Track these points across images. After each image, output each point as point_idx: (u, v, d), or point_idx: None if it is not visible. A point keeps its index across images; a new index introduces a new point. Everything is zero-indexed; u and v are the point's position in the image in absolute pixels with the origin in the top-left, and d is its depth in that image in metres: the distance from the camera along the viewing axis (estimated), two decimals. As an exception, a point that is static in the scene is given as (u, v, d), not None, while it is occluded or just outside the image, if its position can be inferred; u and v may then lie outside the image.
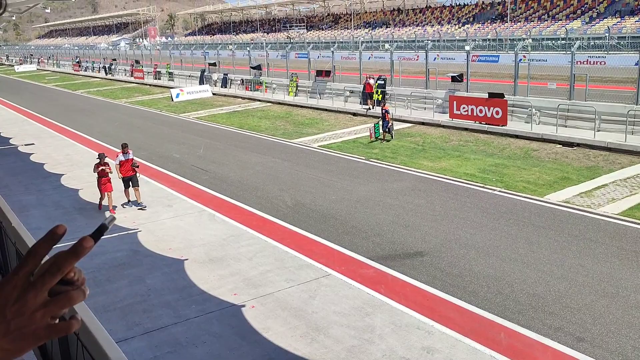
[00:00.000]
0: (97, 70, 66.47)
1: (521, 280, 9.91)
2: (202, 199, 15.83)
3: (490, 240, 11.71)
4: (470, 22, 72.01)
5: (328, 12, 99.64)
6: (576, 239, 11.57)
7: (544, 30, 59.79)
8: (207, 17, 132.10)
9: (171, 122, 30.74)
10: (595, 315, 8.72)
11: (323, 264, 11.01)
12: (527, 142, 20.37)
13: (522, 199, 14.26)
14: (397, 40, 62.05)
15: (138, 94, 45.02)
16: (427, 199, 14.72)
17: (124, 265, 11.37)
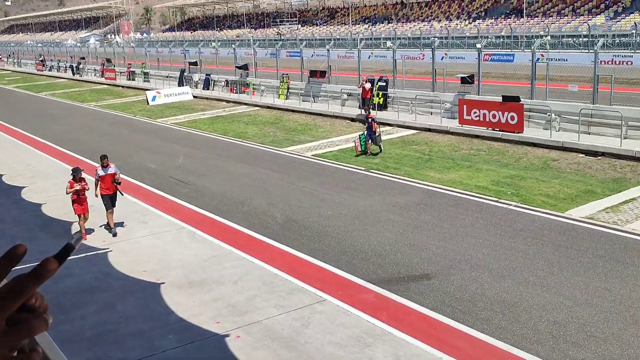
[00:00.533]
0: (63, 70, 66.47)
1: (540, 306, 9.90)
2: (181, 214, 15.79)
3: (505, 261, 11.71)
4: (482, 17, 72.57)
5: (323, 5, 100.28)
6: (602, 259, 11.59)
7: (564, 27, 60.33)
8: (188, 10, 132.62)
9: (146, 128, 30.72)
10: (623, 345, 8.72)
11: (317, 288, 10.97)
12: (545, 151, 20.46)
13: (540, 215, 14.29)
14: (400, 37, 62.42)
15: (109, 97, 45.02)
16: (435, 214, 14.73)
17: (93, 290, 11.31)
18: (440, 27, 71.30)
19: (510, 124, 22.37)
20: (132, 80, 51.68)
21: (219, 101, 38.46)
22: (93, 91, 49.66)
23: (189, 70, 45.07)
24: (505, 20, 68.37)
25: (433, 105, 26.85)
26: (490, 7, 74.33)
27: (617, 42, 44.10)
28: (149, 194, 17.98)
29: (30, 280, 0.98)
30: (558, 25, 61.49)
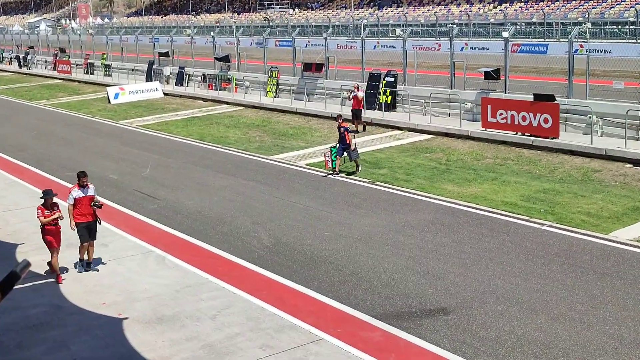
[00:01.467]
0: (8, 61, 66.59)
1: (580, 347, 9.88)
2: (148, 235, 15.75)
3: (538, 293, 11.69)
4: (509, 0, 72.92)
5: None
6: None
7: (607, 12, 60.65)
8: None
9: (107, 131, 30.72)
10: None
11: (312, 324, 10.93)
12: (585, 161, 20.49)
13: (580, 237, 14.28)
14: (411, 23, 62.68)
15: (63, 94, 45.03)
16: (453, 236, 14.72)
17: (42, 326, 11.24)
18: (459, 12, 71.63)
19: (543, 127, 22.42)
20: (91, 74, 51.78)
21: (195, 99, 38.51)
22: (44, 87, 49.68)
23: (158, 63, 45.17)
24: (537, 4, 68.69)
25: (451, 105, 26.91)
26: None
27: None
28: (110, 210, 17.90)
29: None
30: (600, 9, 61.82)
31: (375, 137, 25.79)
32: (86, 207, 13.22)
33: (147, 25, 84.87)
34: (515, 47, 27.72)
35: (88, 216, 13.27)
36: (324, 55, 33.28)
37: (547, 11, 62.75)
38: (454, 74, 27.40)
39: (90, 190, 13.33)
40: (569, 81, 23.63)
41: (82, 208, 13.21)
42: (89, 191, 13.30)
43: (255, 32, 57.68)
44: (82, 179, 13.22)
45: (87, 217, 13.27)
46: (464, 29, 53.88)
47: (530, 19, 61.63)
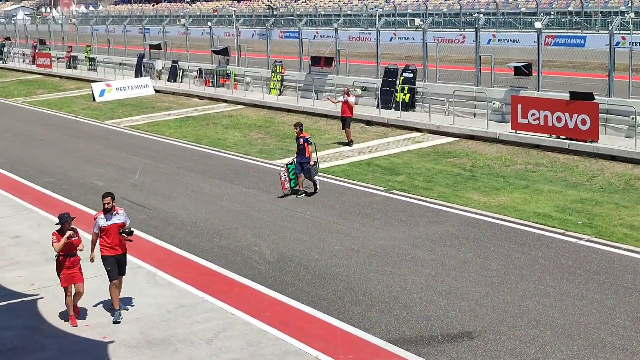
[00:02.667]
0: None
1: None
2: (136, 250, 15.73)
3: (575, 316, 11.65)
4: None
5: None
6: None
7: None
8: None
9: (92, 132, 30.81)
10: None
11: (320, 350, 10.91)
12: (628, 167, 20.43)
13: (621, 253, 14.22)
14: (432, 12, 62.68)
15: (43, 90, 45.23)
16: (479, 251, 14.69)
17: (16, 351, 11.26)
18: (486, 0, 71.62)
19: (580, 129, 22.36)
20: (74, 68, 51.98)
21: (190, 97, 38.62)
22: (21, 82, 49.92)
23: (149, 56, 45.32)
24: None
25: (477, 104, 26.90)
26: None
27: None
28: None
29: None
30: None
31: (391, 140, 25.77)
32: (114, 237, 12.00)
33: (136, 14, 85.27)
34: (549, 39, 27.79)
35: (117, 248, 12.06)
36: (334, 48, 33.31)
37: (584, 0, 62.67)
38: (480, 70, 27.39)
39: (119, 217, 12.04)
40: (609, 78, 23.56)
41: (109, 238, 12.00)
42: (117, 217, 12.03)
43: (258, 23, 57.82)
44: (106, 203, 11.97)
45: (116, 249, 12.06)
46: (492, 19, 53.84)
47: (565, 8, 61.50)
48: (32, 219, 18.20)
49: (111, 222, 11.93)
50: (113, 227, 11.94)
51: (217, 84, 38.78)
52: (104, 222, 11.93)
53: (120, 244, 12.05)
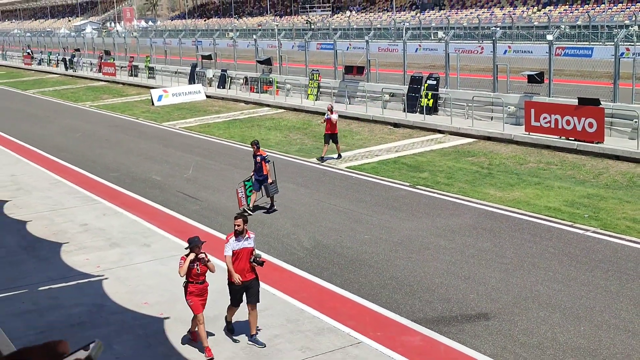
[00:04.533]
0: (54, 63, 67.76)
1: (625, 356, 9.72)
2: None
3: (581, 299, 11.54)
4: (553, 3, 72.06)
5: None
6: (701, 299, 11.35)
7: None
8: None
9: (151, 133, 31.09)
10: None
11: (352, 327, 10.93)
12: (631, 166, 20.17)
13: (625, 243, 14.06)
14: (454, 26, 62.30)
15: (108, 96, 45.72)
16: (495, 241, 14.60)
17: (84, 325, 11.41)
18: (503, 15, 70.98)
19: (588, 132, 22.13)
20: (135, 76, 52.41)
21: (237, 102, 38.77)
22: (89, 89, 50.49)
23: (201, 65, 45.57)
24: (582, 6, 67.77)
25: (494, 108, 26.69)
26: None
27: None
28: (153, 211, 18.15)
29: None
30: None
31: (416, 141, 25.69)
32: (244, 262, 10.57)
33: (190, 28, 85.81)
34: (560, 50, 27.44)
35: (246, 273, 10.58)
36: (366, 58, 33.27)
37: (592, 14, 61.87)
38: (497, 77, 27.20)
39: (250, 241, 10.70)
40: (614, 85, 23.32)
41: (239, 262, 10.59)
42: (248, 242, 10.67)
43: (297, 35, 57.89)
44: (235, 223, 10.65)
45: (245, 274, 10.56)
46: (507, 32, 53.42)
47: (574, 22, 60.81)
48: (98, 209, 18.43)
49: (242, 246, 10.54)
50: (244, 252, 10.53)
51: (261, 90, 38.89)
52: (236, 244, 10.53)
53: (250, 269, 10.61)
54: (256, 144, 17.99)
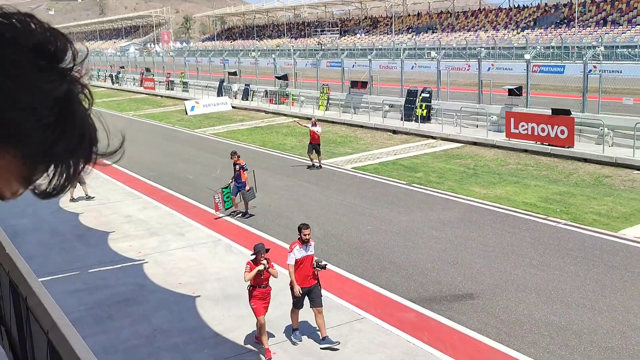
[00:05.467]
0: (102, 79, 68.09)
1: (591, 331, 9.68)
2: (218, 227, 15.95)
3: (553, 282, 11.50)
4: (530, 27, 71.75)
5: (365, 15, 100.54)
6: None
7: (619, 37, 59.20)
8: (228, 19, 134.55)
9: (184, 138, 31.19)
10: (681, 374, 8.45)
11: (356, 305, 10.94)
12: (598, 167, 20.07)
13: (592, 234, 14.00)
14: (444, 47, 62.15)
15: (148, 106, 45.90)
16: (479, 231, 14.57)
17: (128, 302, 11.48)
18: (487, 37, 70.77)
19: (560, 138, 22.05)
20: (171, 89, 52.63)
21: (258, 112, 38.84)
22: (132, 100, 50.71)
23: (228, 81, 45.70)
24: (555, 30, 67.49)
25: (479, 117, 26.63)
26: (540, 16, 73.46)
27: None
28: (186, 205, 18.22)
29: None
30: (612, 35, 60.40)
31: (412, 145, 25.65)
32: (308, 269, 9.72)
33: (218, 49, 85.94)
34: (536, 67, 27.34)
35: (310, 279, 9.72)
36: (369, 74, 33.24)
37: (564, 36, 61.57)
38: (482, 91, 27.15)
39: (312, 249, 9.84)
40: (583, 98, 23.21)
41: (302, 269, 9.69)
42: (311, 249, 9.80)
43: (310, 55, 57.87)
44: (303, 232, 9.70)
45: (309, 279, 9.71)
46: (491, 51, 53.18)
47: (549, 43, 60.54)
48: (139, 203, 18.52)
49: (307, 254, 9.68)
50: (308, 259, 9.66)
51: (279, 102, 38.96)
52: (300, 253, 9.65)
53: (312, 275, 9.75)
54: (235, 154, 16.95)
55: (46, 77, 0.87)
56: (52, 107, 0.86)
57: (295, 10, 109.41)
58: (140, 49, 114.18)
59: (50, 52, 0.88)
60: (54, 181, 0.90)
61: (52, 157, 0.88)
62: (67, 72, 0.89)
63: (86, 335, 9.88)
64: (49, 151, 0.87)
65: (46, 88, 0.86)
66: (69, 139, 0.89)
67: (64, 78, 0.89)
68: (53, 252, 14.16)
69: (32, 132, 0.85)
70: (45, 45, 0.87)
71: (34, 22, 0.88)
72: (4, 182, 0.88)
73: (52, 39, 0.88)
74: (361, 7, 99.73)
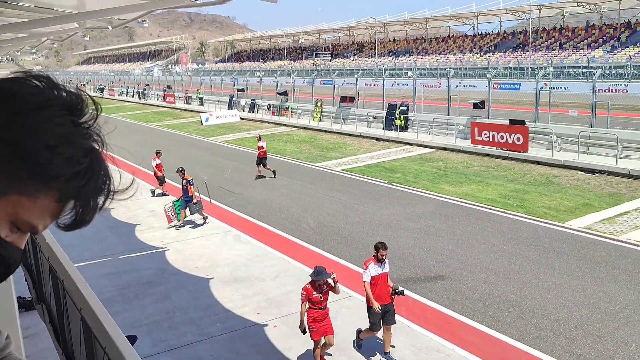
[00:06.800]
0: (130, 95, 67.83)
1: (542, 306, 9.69)
2: (228, 219, 15.92)
3: (511, 265, 11.51)
4: (492, 50, 71.88)
5: (353, 40, 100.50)
6: (598, 265, 11.31)
7: (566, 59, 59.38)
8: (237, 44, 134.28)
9: (200, 145, 31.10)
10: (618, 343, 8.47)
11: (345, 285, 10.91)
12: (548, 169, 20.12)
13: (543, 225, 14.03)
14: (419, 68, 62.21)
15: (169, 118, 45.76)
16: (449, 223, 14.58)
17: (152, 283, 11.44)
18: (455, 59, 70.86)
19: (516, 144, 22.08)
20: (189, 104, 52.47)
21: (262, 122, 38.77)
22: (156, 113, 50.54)
23: (237, 96, 45.60)
24: (512, 53, 67.64)
25: (448, 127, 26.65)
26: (499, 42, 73.63)
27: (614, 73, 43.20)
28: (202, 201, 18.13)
29: None
30: (560, 57, 60.59)
31: (392, 150, 25.65)
32: (383, 287, 8.26)
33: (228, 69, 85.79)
34: (496, 85, 27.38)
35: (385, 298, 8.26)
36: (356, 91, 33.22)
37: (520, 59, 61.72)
38: (451, 105, 27.15)
39: (386, 266, 8.34)
40: (535, 110, 23.26)
41: (377, 288, 8.22)
42: (386, 266, 8.32)
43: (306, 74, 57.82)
44: (380, 253, 8.19)
45: (384, 299, 8.25)
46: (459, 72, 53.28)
47: (507, 65, 60.64)
48: (162, 200, 18.42)
49: (382, 271, 8.24)
50: (383, 277, 8.25)
51: (280, 114, 38.89)
52: (375, 270, 8.22)
53: (387, 294, 8.29)
54: (182, 171, 15.59)
55: (79, 131, 0.90)
56: (85, 156, 0.89)
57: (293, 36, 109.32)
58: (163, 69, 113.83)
59: (78, 109, 0.91)
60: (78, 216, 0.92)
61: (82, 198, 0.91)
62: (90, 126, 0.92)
63: (116, 312, 9.86)
64: (80, 193, 0.90)
65: (80, 141, 0.89)
66: (95, 182, 0.91)
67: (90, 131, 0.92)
68: (89, 241, 14.09)
69: (71, 177, 0.87)
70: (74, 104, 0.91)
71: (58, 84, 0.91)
72: (41, 218, 0.90)
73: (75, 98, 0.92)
74: (349, 34, 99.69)
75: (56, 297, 3.80)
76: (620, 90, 31.99)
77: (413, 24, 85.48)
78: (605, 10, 64.04)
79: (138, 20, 5.69)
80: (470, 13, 74.09)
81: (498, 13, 72.10)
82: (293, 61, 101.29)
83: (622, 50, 56.05)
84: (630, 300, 9.75)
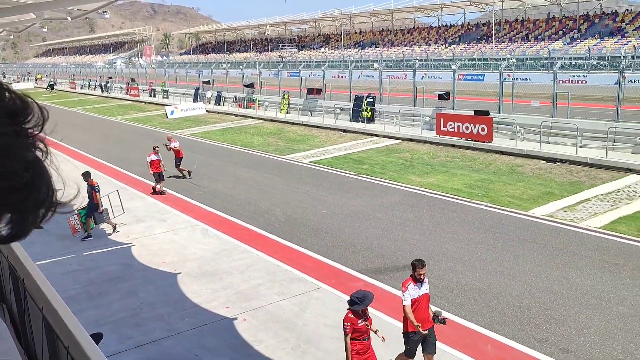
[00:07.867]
0: (93, 88, 66.33)
1: (507, 293, 9.89)
2: (195, 213, 15.75)
3: (476, 254, 11.70)
4: (456, 42, 72.70)
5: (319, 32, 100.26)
6: (560, 252, 11.60)
7: (527, 51, 60.47)
8: (202, 36, 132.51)
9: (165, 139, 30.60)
10: (579, 326, 8.72)
11: (314, 277, 10.95)
12: (512, 158, 20.49)
13: (507, 214, 14.29)
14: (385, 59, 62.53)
15: (133, 111, 44.93)
16: (416, 213, 14.72)
17: (117, 279, 11.25)
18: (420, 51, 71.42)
19: (481, 134, 22.40)
20: (153, 96, 51.61)
21: (229, 115, 38.43)
22: (119, 106, 49.57)
23: (202, 88, 45.05)
24: (476, 45, 68.54)
25: (414, 118, 26.88)
26: (464, 33, 74.51)
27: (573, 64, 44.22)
28: (168, 195, 17.92)
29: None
30: (522, 49, 61.67)
31: (359, 142, 25.75)
32: (424, 310, 7.31)
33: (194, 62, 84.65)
34: (461, 76, 27.63)
35: (426, 322, 7.28)
36: (323, 83, 33.20)
37: (484, 50, 62.59)
38: (417, 96, 27.37)
39: (427, 286, 7.42)
40: (499, 101, 23.62)
41: (419, 310, 7.28)
42: (425, 287, 7.38)
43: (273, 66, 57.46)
44: (418, 272, 7.26)
45: (425, 323, 7.27)
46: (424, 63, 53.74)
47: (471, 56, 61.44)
48: (126, 194, 18.11)
49: (421, 293, 7.29)
50: (424, 298, 7.32)
51: (246, 106, 38.60)
52: (415, 292, 7.27)
53: (428, 317, 7.36)
54: (87, 175, 14.05)
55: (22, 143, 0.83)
56: (26, 169, 0.83)
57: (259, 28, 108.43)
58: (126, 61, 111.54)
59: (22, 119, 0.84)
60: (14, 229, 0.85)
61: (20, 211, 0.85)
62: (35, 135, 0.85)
63: (80, 310, 9.67)
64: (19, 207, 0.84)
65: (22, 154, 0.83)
66: (37, 195, 0.85)
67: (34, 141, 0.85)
68: (52, 238, 13.76)
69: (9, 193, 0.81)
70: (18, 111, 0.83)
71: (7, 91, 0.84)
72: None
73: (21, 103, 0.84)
74: (316, 25, 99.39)
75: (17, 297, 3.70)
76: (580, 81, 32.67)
77: (379, 16, 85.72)
78: (565, 3, 65.42)
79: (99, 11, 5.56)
80: (435, 5, 74.69)
81: (462, 5, 72.87)
82: (259, 53, 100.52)
83: (581, 42, 57.38)
84: (590, 285, 10.04)
